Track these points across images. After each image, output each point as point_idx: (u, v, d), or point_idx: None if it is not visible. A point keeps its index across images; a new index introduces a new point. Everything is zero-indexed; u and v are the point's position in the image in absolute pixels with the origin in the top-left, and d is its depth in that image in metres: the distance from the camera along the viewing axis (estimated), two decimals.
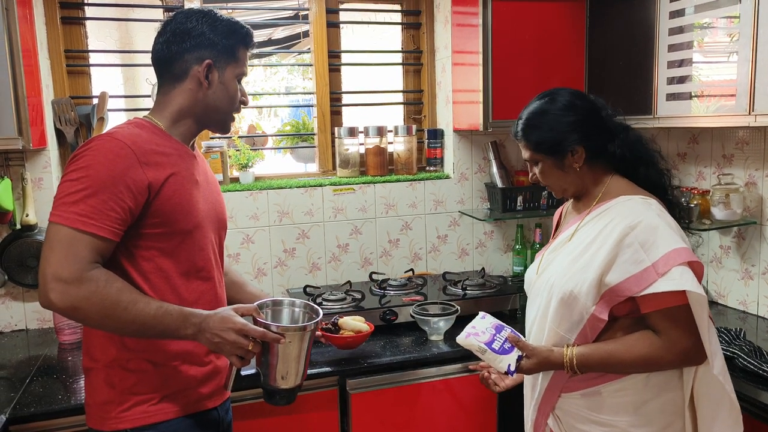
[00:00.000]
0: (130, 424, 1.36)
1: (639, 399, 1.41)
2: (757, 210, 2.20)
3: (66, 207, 1.25)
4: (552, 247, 1.58)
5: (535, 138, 1.51)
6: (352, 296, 2.26)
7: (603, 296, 1.39)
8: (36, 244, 2.23)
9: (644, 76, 2.23)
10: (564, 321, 1.45)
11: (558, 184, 1.55)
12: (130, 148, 1.30)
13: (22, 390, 1.76)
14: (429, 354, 1.98)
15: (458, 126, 2.70)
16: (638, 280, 1.35)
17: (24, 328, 2.32)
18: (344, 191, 2.63)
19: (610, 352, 1.39)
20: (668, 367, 1.40)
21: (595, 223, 1.47)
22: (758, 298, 2.23)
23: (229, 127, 1.52)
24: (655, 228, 1.36)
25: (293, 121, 3.00)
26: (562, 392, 1.49)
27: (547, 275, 1.52)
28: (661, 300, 1.34)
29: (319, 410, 1.89)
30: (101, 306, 1.24)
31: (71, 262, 1.22)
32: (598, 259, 1.39)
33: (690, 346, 1.35)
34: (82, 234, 1.24)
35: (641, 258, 1.35)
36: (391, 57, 2.90)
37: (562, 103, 1.50)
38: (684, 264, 1.33)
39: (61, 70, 2.41)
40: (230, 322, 1.31)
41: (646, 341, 1.38)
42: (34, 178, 2.27)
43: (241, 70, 1.46)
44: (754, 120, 1.83)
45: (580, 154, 1.48)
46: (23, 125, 1.96)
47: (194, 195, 1.42)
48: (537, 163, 1.54)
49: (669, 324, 1.36)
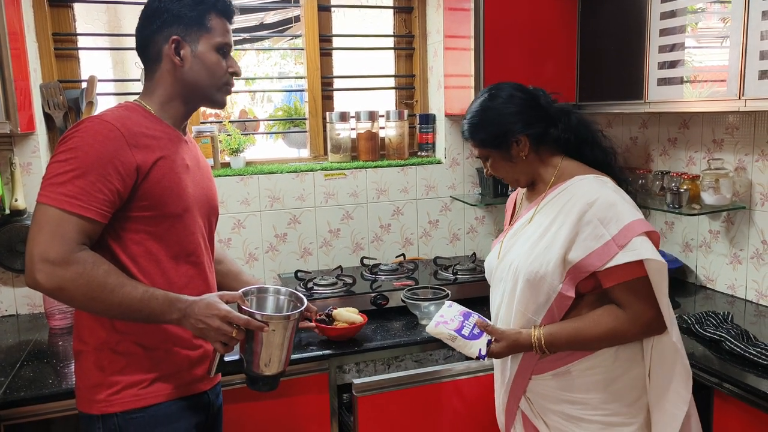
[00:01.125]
0: (120, 407, 1.36)
1: (609, 376, 1.46)
2: (746, 195, 2.21)
3: (54, 188, 1.25)
4: (511, 233, 1.60)
5: (480, 135, 1.56)
6: (343, 281, 2.27)
7: (568, 273, 1.43)
8: (25, 229, 2.21)
9: (635, 61, 2.23)
10: (531, 302, 1.47)
11: (510, 175, 1.59)
12: (119, 131, 1.30)
13: (13, 374, 1.76)
14: (419, 338, 1.99)
15: (450, 111, 2.70)
16: (600, 254, 1.38)
17: (14, 313, 2.32)
18: (335, 176, 2.62)
19: (578, 329, 1.43)
20: (633, 338, 1.45)
21: (553, 205, 1.50)
22: (746, 282, 2.25)
23: (220, 100, 1.47)
24: (613, 203, 1.40)
25: (285, 106, 2.99)
26: (532, 374, 1.52)
27: (509, 259, 1.54)
28: (622, 273, 1.38)
29: (310, 393, 1.90)
30: (87, 288, 1.24)
31: (58, 243, 1.22)
32: (560, 238, 1.43)
33: (653, 317, 1.40)
34: (69, 215, 1.24)
35: (601, 233, 1.39)
36: (382, 41, 2.89)
37: (500, 98, 1.54)
38: (642, 234, 1.38)
39: (49, 53, 2.38)
40: (215, 309, 1.32)
41: (611, 315, 1.42)
42: (23, 163, 2.26)
43: (217, 40, 1.41)
44: (744, 105, 1.83)
45: (524, 143, 1.52)
46: (11, 109, 1.94)
47: (183, 179, 1.41)
48: (487, 159, 1.59)
49: (632, 297, 1.40)
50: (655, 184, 2.48)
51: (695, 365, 1.71)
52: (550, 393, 1.51)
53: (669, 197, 2.27)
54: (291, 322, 1.40)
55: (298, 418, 1.90)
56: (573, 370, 1.47)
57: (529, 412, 1.55)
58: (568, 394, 1.48)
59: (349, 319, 1.94)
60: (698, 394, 1.71)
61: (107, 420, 1.36)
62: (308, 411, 1.91)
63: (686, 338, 1.88)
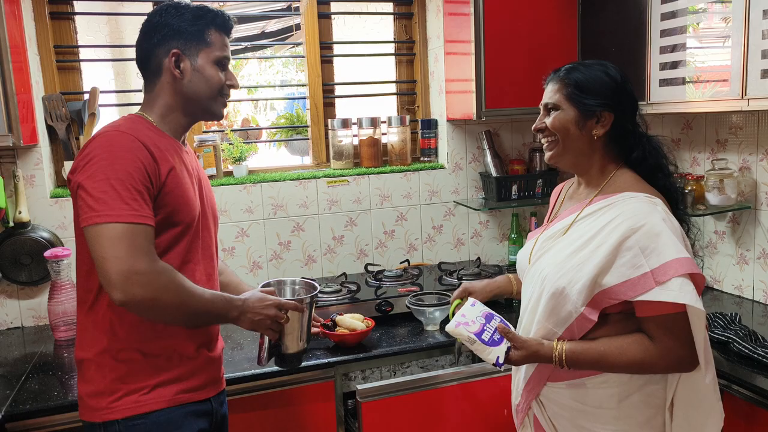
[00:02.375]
0: (121, 414, 1.36)
1: (623, 391, 1.40)
2: (752, 195, 2.19)
3: (111, 204, 1.26)
4: (548, 234, 1.53)
5: (576, 82, 1.43)
6: (347, 288, 2.26)
7: (595, 297, 1.36)
8: (30, 242, 2.22)
9: (637, 63, 2.23)
10: (552, 315, 1.42)
11: (564, 142, 1.45)
12: (140, 141, 1.33)
13: (18, 387, 1.75)
14: (425, 344, 1.98)
15: (452, 116, 2.69)
16: (634, 285, 1.31)
17: (20, 325, 2.32)
18: (338, 183, 2.62)
19: (602, 354, 1.36)
20: (660, 372, 1.38)
21: (596, 218, 1.42)
22: (753, 282, 2.23)
23: (218, 112, 1.50)
24: (659, 234, 1.31)
25: (287, 114, 3.00)
26: (548, 381, 1.48)
27: (541, 265, 1.48)
28: (658, 307, 1.31)
29: (316, 402, 1.89)
30: (175, 294, 1.30)
31: (141, 256, 1.26)
32: (595, 259, 1.35)
33: (684, 355, 1.33)
34: (137, 226, 1.27)
35: (640, 263, 1.31)
36: (383, 47, 2.89)
37: (611, 69, 1.46)
38: (685, 275, 1.29)
39: (51, 65, 2.39)
40: (268, 300, 1.47)
41: (640, 346, 1.35)
42: (26, 175, 2.26)
43: (216, 54, 1.45)
44: (747, 104, 1.83)
45: (606, 122, 1.42)
46: (13, 122, 1.94)
47: (190, 189, 1.45)
48: (556, 110, 1.45)
49: (664, 332, 1.33)
50: None
51: None
52: (563, 401, 1.47)
53: None
54: (313, 302, 1.61)
55: (304, 427, 1.89)
56: (588, 383, 1.43)
57: (541, 416, 1.52)
58: (581, 405, 1.44)
59: (351, 325, 1.93)
60: None
61: (109, 427, 1.36)
62: (314, 419, 1.90)
63: None
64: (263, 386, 1.83)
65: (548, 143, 1.49)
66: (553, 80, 1.49)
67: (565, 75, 1.45)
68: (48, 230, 2.28)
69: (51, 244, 2.23)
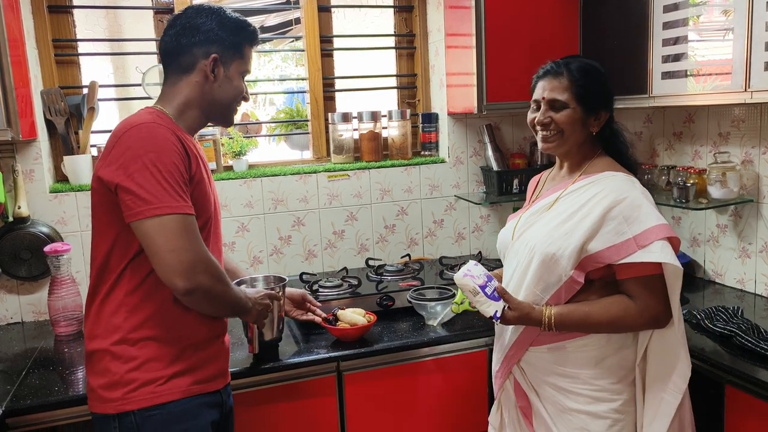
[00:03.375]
0: (137, 405, 1.36)
1: (600, 354, 1.55)
2: (754, 188, 2.19)
3: (165, 197, 1.29)
4: (532, 211, 1.67)
5: (582, 80, 1.57)
6: (348, 283, 2.25)
7: (582, 261, 1.51)
8: (29, 237, 2.21)
9: (639, 55, 2.21)
10: (542, 281, 1.56)
11: (567, 134, 1.59)
12: (175, 135, 1.37)
13: (19, 382, 1.75)
14: (426, 338, 1.98)
15: (453, 109, 2.68)
16: (618, 249, 1.47)
17: (19, 320, 2.31)
18: (339, 177, 2.61)
19: (587, 314, 1.52)
20: (638, 329, 1.54)
21: (581, 194, 1.57)
22: (756, 276, 2.23)
23: (231, 120, 1.58)
24: (640, 205, 1.49)
25: (287, 108, 2.98)
26: (530, 346, 1.61)
27: (527, 237, 1.62)
28: (638, 269, 1.48)
29: (318, 396, 1.89)
30: (225, 284, 1.40)
31: (200, 245, 1.33)
32: (583, 227, 1.51)
33: (661, 312, 1.50)
34: (190, 218, 1.33)
35: (624, 230, 1.47)
36: (383, 41, 2.87)
37: (600, 68, 1.63)
38: (664, 239, 1.46)
39: (50, 59, 2.38)
40: (261, 292, 1.63)
41: (621, 304, 1.51)
42: (26, 170, 2.25)
43: (245, 68, 1.53)
44: (750, 97, 1.82)
45: (602, 120, 1.60)
46: (12, 116, 1.93)
47: (208, 183, 1.49)
48: (562, 108, 1.58)
49: (644, 291, 1.49)
50: (661, 179, 2.46)
51: (706, 360, 1.70)
52: (544, 365, 1.61)
53: (675, 192, 2.25)
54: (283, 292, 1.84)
55: (306, 420, 1.89)
56: (568, 346, 1.57)
57: (523, 381, 1.65)
58: (561, 367, 1.58)
59: (352, 320, 1.93)
60: (709, 390, 1.70)
61: (123, 419, 1.36)
62: (317, 413, 1.90)
63: (696, 334, 1.86)
64: (265, 381, 1.82)
65: (550, 136, 1.61)
66: (551, 77, 1.60)
67: (568, 72, 1.58)
68: (47, 225, 2.27)
69: (50, 239, 2.22)
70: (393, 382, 1.96)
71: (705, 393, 1.72)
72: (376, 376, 1.94)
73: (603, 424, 1.55)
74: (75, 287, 2.16)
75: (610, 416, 1.55)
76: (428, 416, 2.02)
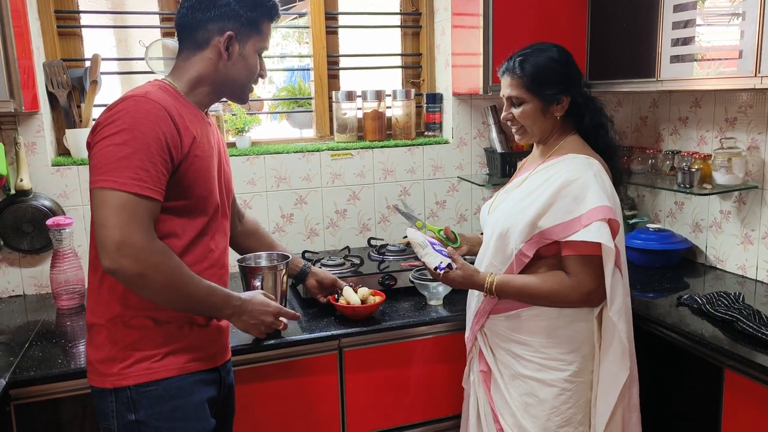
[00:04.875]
0: (133, 381, 1.36)
1: (552, 325, 1.64)
2: (759, 174, 2.18)
3: (119, 171, 1.24)
4: (505, 189, 1.80)
5: (531, 76, 1.64)
6: (350, 261, 2.26)
7: (533, 237, 1.59)
8: (31, 209, 2.20)
9: (647, 38, 2.19)
10: (499, 253, 1.67)
11: (533, 128, 1.69)
12: (166, 110, 1.31)
13: (21, 354, 1.75)
14: (428, 318, 1.98)
15: (457, 90, 2.66)
16: (565, 227, 1.56)
17: (21, 293, 2.31)
18: (342, 156, 2.60)
19: (525, 283, 1.62)
20: (573, 304, 1.62)
21: (543, 173, 1.67)
22: (757, 262, 2.23)
23: (246, 98, 1.53)
24: (589, 186, 1.56)
25: (289, 86, 2.95)
26: (490, 314, 1.71)
27: (496, 214, 1.73)
28: (579, 247, 1.56)
29: (318, 374, 1.90)
30: (165, 277, 1.28)
31: (138, 229, 1.24)
32: (535, 205, 1.59)
33: (593, 289, 1.58)
34: (140, 198, 1.25)
35: (572, 209, 1.56)
36: (389, 19, 2.84)
37: (557, 54, 1.67)
38: (603, 220, 1.53)
39: (52, 31, 2.35)
40: (269, 307, 1.53)
41: (557, 278, 1.61)
42: (28, 143, 2.24)
43: (262, 45, 1.47)
44: (760, 82, 1.80)
45: (564, 104, 1.66)
46: (14, 87, 1.91)
47: (211, 161, 1.44)
48: (521, 104, 1.67)
49: (579, 268, 1.58)
50: (666, 164, 2.45)
51: (706, 345, 1.71)
52: (502, 332, 1.71)
53: (680, 177, 2.24)
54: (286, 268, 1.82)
55: (308, 397, 1.90)
56: (523, 314, 1.66)
57: (484, 347, 1.75)
58: (516, 335, 1.68)
59: (350, 298, 1.93)
60: (709, 374, 1.71)
61: (120, 393, 1.36)
62: (318, 390, 1.91)
63: (697, 318, 1.87)
64: (266, 357, 1.83)
65: (517, 129, 1.73)
66: (508, 74, 1.68)
67: (520, 70, 1.65)
68: (50, 198, 2.26)
69: (53, 213, 2.21)
70: (394, 361, 1.98)
71: (704, 377, 1.74)
72: (377, 354, 1.95)
73: (551, 392, 1.64)
74: (77, 261, 2.16)
75: (558, 385, 1.63)
76: (428, 393, 2.03)
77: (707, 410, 1.73)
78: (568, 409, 1.64)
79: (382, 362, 1.96)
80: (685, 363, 1.84)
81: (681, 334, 1.80)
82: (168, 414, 1.38)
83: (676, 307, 1.97)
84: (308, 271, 1.95)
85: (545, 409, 1.64)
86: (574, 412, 1.65)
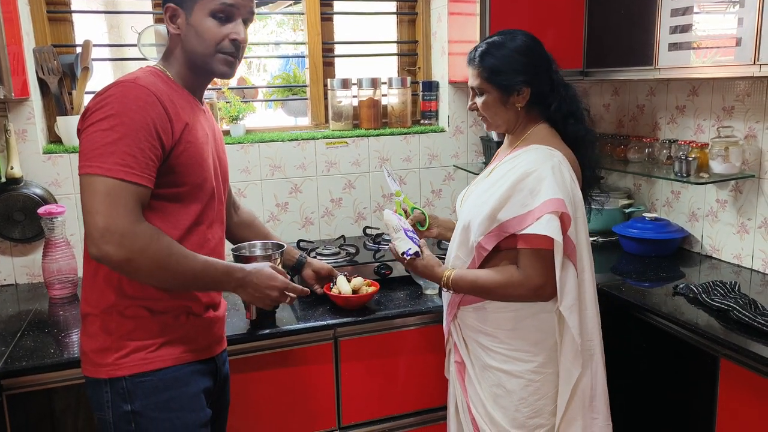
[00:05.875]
0: (128, 371, 1.35)
1: (516, 316, 1.63)
2: (756, 163, 2.17)
3: (105, 157, 1.22)
4: (476, 180, 1.80)
5: (490, 67, 1.62)
6: (346, 251, 2.24)
7: (492, 230, 1.58)
8: (22, 198, 2.17)
9: (645, 26, 2.17)
10: (463, 246, 1.67)
11: (495, 119, 1.68)
12: (156, 96, 1.29)
13: (14, 344, 1.74)
14: (423, 308, 1.98)
15: (454, 78, 2.64)
16: (520, 220, 1.53)
17: (13, 282, 2.29)
18: (337, 144, 2.58)
19: (477, 277, 1.62)
20: (522, 299, 1.60)
21: (507, 164, 1.64)
22: (753, 251, 2.23)
23: (218, 70, 1.40)
24: (544, 179, 1.53)
25: (284, 74, 2.92)
26: (460, 305, 1.72)
27: (465, 206, 1.74)
28: (531, 240, 1.53)
29: (314, 363, 1.89)
30: (154, 259, 1.26)
31: (123, 214, 1.22)
32: (494, 198, 1.58)
33: (541, 284, 1.56)
34: (126, 184, 1.23)
35: (527, 202, 1.53)
36: (384, 6, 2.81)
37: (520, 43, 1.62)
38: (553, 213, 1.50)
39: (42, 16, 2.31)
40: (276, 281, 1.47)
41: (506, 272, 1.59)
42: (18, 130, 2.21)
43: (213, 6, 1.34)
44: (758, 70, 1.79)
45: (525, 95, 1.63)
46: (4, 74, 1.88)
47: (204, 149, 1.41)
48: (482, 94, 1.66)
49: (528, 262, 1.56)
50: (663, 153, 2.45)
51: (701, 334, 1.71)
52: (471, 323, 1.71)
53: (677, 166, 2.23)
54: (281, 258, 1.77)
55: (303, 387, 1.89)
56: (488, 307, 1.66)
57: (457, 338, 1.76)
58: (483, 326, 1.68)
59: (342, 288, 1.92)
60: (704, 363, 1.71)
61: (115, 383, 1.35)
62: (314, 380, 1.90)
63: (693, 308, 1.87)
64: (262, 347, 1.82)
65: (482, 119, 1.72)
66: (470, 64, 1.67)
67: (479, 62, 1.63)
68: (41, 187, 2.23)
69: (44, 201, 2.19)
70: (390, 350, 1.97)
71: (700, 366, 1.74)
72: (372, 343, 1.95)
73: (518, 383, 1.63)
74: (69, 250, 2.14)
75: (524, 376, 1.63)
76: (423, 383, 2.03)
77: (702, 399, 1.74)
78: (537, 400, 1.64)
79: (378, 352, 1.96)
80: (680, 352, 1.84)
81: (676, 323, 1.80)
82: (164, 404, 1.37)
83: (672, 297, 1.97)
84: (304, 262, 1.93)
85: (513, 400, 1.64)
86: (544, 404, 1.64)
